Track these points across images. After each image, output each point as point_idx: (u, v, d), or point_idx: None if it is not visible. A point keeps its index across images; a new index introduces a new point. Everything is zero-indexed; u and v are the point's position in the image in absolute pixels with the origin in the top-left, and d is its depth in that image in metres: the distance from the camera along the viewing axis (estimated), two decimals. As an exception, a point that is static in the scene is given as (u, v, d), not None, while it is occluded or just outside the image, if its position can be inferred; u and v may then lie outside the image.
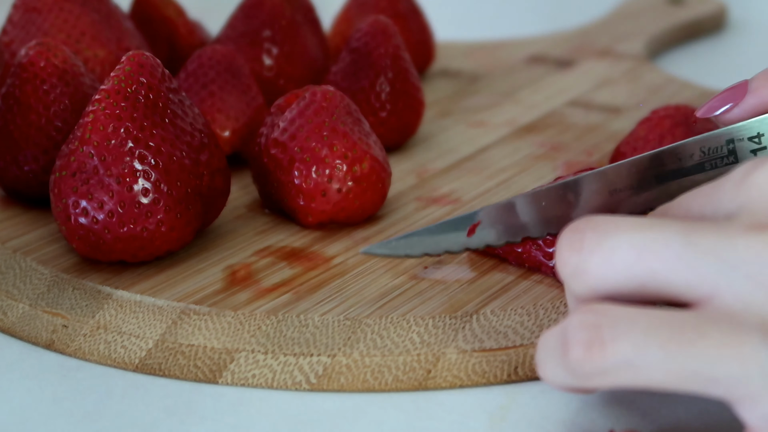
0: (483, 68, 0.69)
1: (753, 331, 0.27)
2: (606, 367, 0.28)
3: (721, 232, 0.29)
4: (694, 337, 0.28)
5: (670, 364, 0.28)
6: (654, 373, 0.28)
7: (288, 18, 0.56)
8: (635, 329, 0.28)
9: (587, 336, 0.28)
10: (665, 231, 0.29)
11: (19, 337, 0.39)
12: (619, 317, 0.28)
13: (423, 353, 0.36)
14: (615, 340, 0.28)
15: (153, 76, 0.40)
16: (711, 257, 0.28)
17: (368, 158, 0.44)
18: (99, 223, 0.39)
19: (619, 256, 0.29)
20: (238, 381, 0.36)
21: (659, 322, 0.28)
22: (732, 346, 0.27)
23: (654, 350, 0.28)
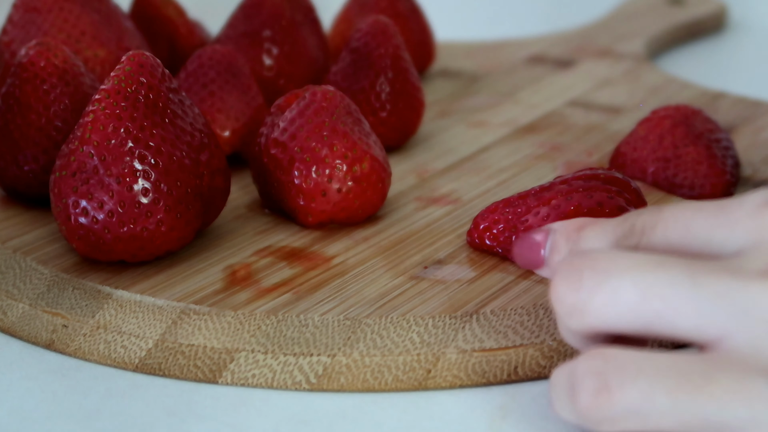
0: (483, 68, 0.69)
1: (762, 375, 0.27)
2: (614, 415, 0.28)
3: (732, 274, 0.28)
4: (702, 383, 0.27)
5: (678, 411, 0.27)
6: (663, 420, 0.28)
7: (288, 18, 0.56)
8: (642, 376, 0.28)
9: (594, 384, 0.28)
10: (671, 271, 0.28)
11: (19, 337, 0.39)
12: (626, 363, 0.28)
13: (423, 353, 0.36)
14: (622, 387, 0.28)
15: (153, 76, 0.40)
16: (721, 301, 0.28)
17: (368, 158, 0.44)
18: (99, 223, 0.39)
19: (623, 297, 0.29)
20: (238, 381, 0.36)
21: (666, 369, 0.28)
22: (740, 390, 0.27)
23: (661, 398, 0.27)
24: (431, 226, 0.45)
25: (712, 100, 0.61)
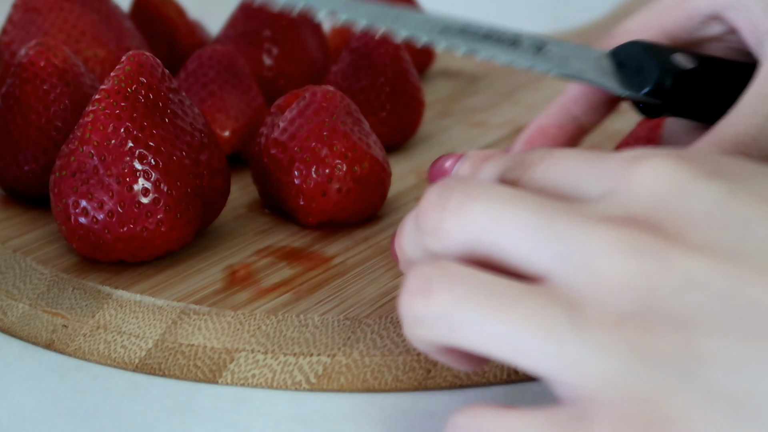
0: (483, 68, 0.69)
1: (562, 311, 0.28)
2: (425, 316, 0.29)
3: (576, 216, 0.29)
4: (508, 304, 0.28)
5: (481, 326, 0.28)
6: (467, 332, 0.29)
7: (288, 18, 0.56)
8: (459, 286, 0.29)
9: (417, 284, 0.29)
10: (520, 205, 0.29)
11: (19, 337, 0.39)
12: (451, 273, 0.29)
13: (423, 353, 0.36)
14: (438, 292, 0.29)
15: (153, 76, 0.40)
16: (555, 239, 0.29)
17: (368, 158, 0.44)
18: (99, 223, 0.39)
19: (475, 222, 0.30)
20: (238, 381, 0.36)
21: (483, 285, 0.29)
22: (538, 321, 0.28)
23: (469, 309, 0.28)
24: (431, 226, 0.45)
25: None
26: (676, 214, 0.29)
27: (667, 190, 0.29)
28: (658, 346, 0.27)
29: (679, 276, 0.28)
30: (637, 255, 0.28)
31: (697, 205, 0.29)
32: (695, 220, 0.28)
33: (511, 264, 0.29)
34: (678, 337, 0.27)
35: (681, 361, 0.27)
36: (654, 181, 0.29)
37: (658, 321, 0.27)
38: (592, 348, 0.27)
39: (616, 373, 0.27)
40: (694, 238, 0.28)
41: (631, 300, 0.28)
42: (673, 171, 0.29)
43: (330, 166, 0.43)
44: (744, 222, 0.28)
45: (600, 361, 0.27)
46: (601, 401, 0.27)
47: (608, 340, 0.27)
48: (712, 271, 0.28)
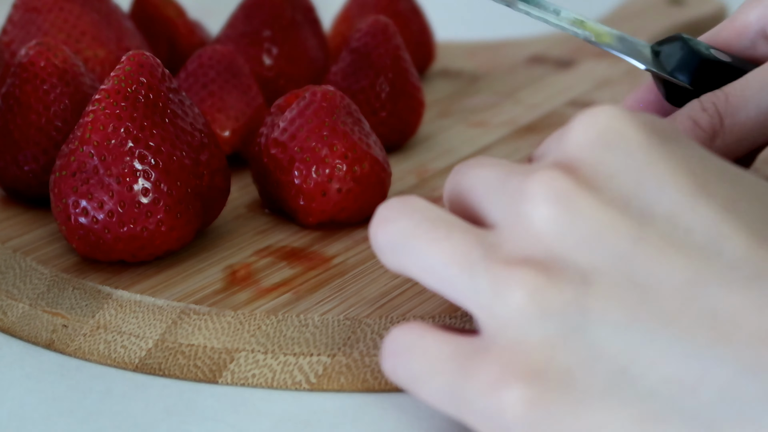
0: (483, 68, 0.69)
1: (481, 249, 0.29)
2: (380, 245, 0.31)
3: (517, 172, 0.30)
4: (441, 237, 0.30)
5: (417, 257, 0.30)
6: (409, 260, 0.31)
7: (288, 18, 0.56)
8: (407, 218, 0.31)
9: (380, 213, 0.32)
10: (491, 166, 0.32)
11: (19, 337, 0.39)
12: (407, 206, 0.31)
13: (423, 353, 0.36)
14: (391, 221, 0.31)
15: (153, 76, 0.40)
16: (502, 190, 0.30)
17: (368, 158, 0.44)
18: (99, 223, 0.39)
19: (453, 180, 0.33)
20: (238, 381, 0.36)
21: (429, 219, 0.31)
22: (459, 254, 0.29)
23: (410, 239, 0.30)
24: (431, 226, 0.45)
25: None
26: (596, 164, 0.29)
27: (595, 140, 0.30)
28: (552, 295, 0.28)
29: (585, 227, 0.28)
30: (549, 200, 0.29)
31: (618, 158, 0.29)
32: (613, 173, 0.29)
33: (477, 215, 0.31)
34: (573, 289, 0.28)
35: (572, 314, 0.28)
36: (586, 131, 0.30)
37: (558, 270, 0.28)
38: (494, 285, 0.28)
39: (511, 315, 0.28)
40: (607, 191, 0.29)
41: (538, 245, 0.29)
42: (606, 122, 0.30)
43: (330, 166, 0.43)
44: (656, 188, 0.29)
45: (499, 300, 0.28)
46: (495, 341, 0.28)
47: (507, 280, 0.28)
48: (617, 228, 0.28)
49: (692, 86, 0.41)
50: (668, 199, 0.28)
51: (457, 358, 0.29)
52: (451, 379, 0.29)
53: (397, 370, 0.31)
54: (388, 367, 0.31)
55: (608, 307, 0.28)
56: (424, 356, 0.30)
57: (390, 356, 0.31)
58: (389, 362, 0.31)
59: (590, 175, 0.29)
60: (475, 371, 0.28)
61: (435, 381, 0.29)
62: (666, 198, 0.28)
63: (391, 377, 0.31)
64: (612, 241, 0.28)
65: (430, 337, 0.30)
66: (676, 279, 0.27)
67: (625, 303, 0.28)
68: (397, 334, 0.31)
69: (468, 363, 0.29)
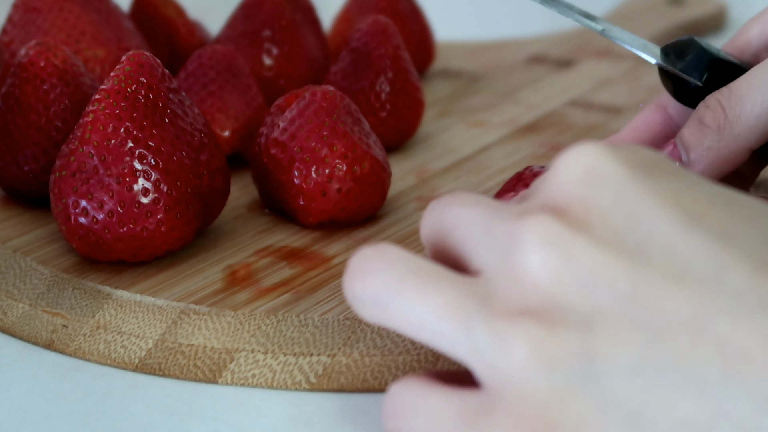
0: (483, 68, 0.69)
1: (475, 301, 0.28)
2: (361, 298, 0.30)
3: (502, 214, 0.29)
4: (431, 289, 0.29)
5: (405, 309, 0.29)
6: (395, 314, 0.29)
7: (288, 18, 0.56)
8: (391, 270, 0.29)
9: (356, 265, 0.30)
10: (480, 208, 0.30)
11: (19, 337, 0.39)
12: (387, 257, 0.30)
13: (423, 353, 0.36)
14: (372, 274, 0.30)
15: (153, 76, 0.40)
16: (488, 235, 0.29)
17: (368, 158, 0.44)
18: (99, 223, 0.39)
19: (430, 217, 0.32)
20: (238, 381, 0.36)
21: (414, 270, 0.29)
22: (453, 308, 0.28)
23: (396, 293, 0.29)
24: (431, 226, 0.45)
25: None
26: (585, 203, 0.28)
27: (581, 179, 0.28)
28: (556, 346, 0.27)
29: (582, 271, 0.27)
30: (543, 246, 0.27)
31: (606, 195, 0.28)
32: (603, 212, 0.28)
33: (461, 258, 0.30)
34: (577, 337, 0.27)
35: (578, 363, 0.27)
36: (570, 171, 0.29)
37: (559, 318, 0.27)
38: (495, 340, 0.27)
39: (516, 370, 0.27)
40: (600, 230, 0.28)
41: (536, 293, 0.27)
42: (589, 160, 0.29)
43: (330, 166, 0.43)
44: (649, 222, 0.28)
45: (502, 355, 0.27)
46: (503, 397, 0.27)
47: (508, 334, 0.27)
48: (614, 268, 0.27)
49: (702, 84, 0.41)
50: (662, 232, 0.27)
51: (464, 417, 0.28)
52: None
53: (400, 430, 0.30)
54: (390, 427, 0.30)
55: (615, 352, 0.26)
56: (427, 416, 0.29)
57: (392, 416, 0.30)
58: (391, 422, 0.30)
59: (580, 216, 0.28)
60: (485, 428, 0.28)
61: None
62: (659, 231, 0.27)
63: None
64: (611, 282, 0.27)
65: (432, 395, 0.29)
66: (681, 314, 0.26)
67: (632, 345, 0.26)
68: (396, 392, 0.30)
69: (476, 421, 0.28)
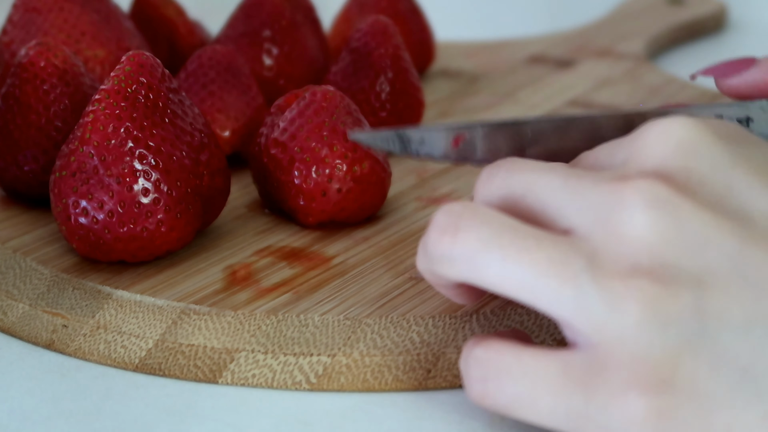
0: (483, 68, 0.69)
1: (581, 259, 0.28)
2: (452, 255, 0.30)
3: (595, 178, 0.30)
4: (532, 247, 0.29)
5: (503, 267, 0.29)
6: (490, 272, 0.29)
7: (288, 18, 0.56)
8: (487, 227, 0.30)
9: (446, 221, 0.30)
10: (554, 172, 0.31)
11: (19, 337, 0.39)
12: (480, 214, 0.30)
13: (423, 353, 0.36)
14: (466, 230, 0.30)
15: (153, 76, 0.40)
16: (579, 196, 0.30)
17: (368, 158, 0.44)
18: (99, 223, 0.39)
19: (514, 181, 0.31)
20: (238, 381, 0.36)
21: (509, 228, 0.29)
22: (559, 265, 0.28)
23: (494, 250, 0.29)
24: (431, 226, 0.45)
25: (712, 100, 0.61)
26: (685, 172, 0.29)
27: (677, 149, 0.29)
28: (670, 304, 0.27)
29: (691, 232, 0.28)
30: (651, 208, 0.28)
31: (704, 164, 0.29)
32: (703, 179, 0.29)
33: (541, 220, 0.30)
34: (689, 295, 0.28)
35: (691, 321, 0.27)
36: (665, 141, 0.30)
37: (671, 277, 0.28)
38: (607, 299, 0.28)
39: (629, 328, 0.27)
40: (703, 195, 0.29)
41: (645, 253, 0.28)
42: (682, 131, 0.30)
43: (330, 166, 0.43)
44: (747, 189, 0.29)
45: (614, 313, 0.28)
46: (614, 355, 0.28)
47: (622, 293, 0.28)
48: (722, 229, 0.28)
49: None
50: (759, 198, 0.29)
51: (569, 375, 0.28)
52: (567, 397, 0.28)
53: (492, 395, 0.30)
54: (477, 393, 0.30)
55: (727, 309, 0.27)
56: (527, 377, 0.29)
57: (479, 381, 0.30)
58: (478, 388, 0.30)
59: (682, 182, 0.29)
60: (595, 387, 0.28)
61: (545, 401, 0.29)
62: (757, 197, 0.29)
63: (480, 402, 0.30)
64: (720, 243, 0.28)
65: (526, 357, 0.29)
66: None
67: (743, 302, 0.28)
68: (482, 356, 0.30)
69: (584, 379, 0.28)
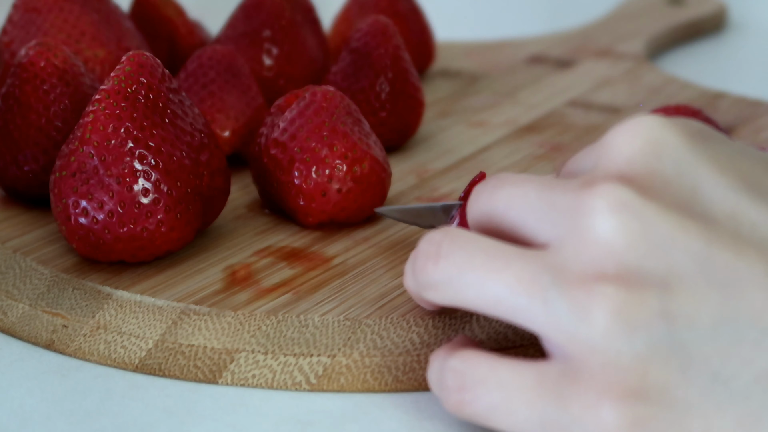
0: (483, 68, 0.69)
1: (548, 274, 0.29)
2: (435, 281, 0.31)
3: (565, 186, 0.30)
4: (501, 266, 0.30)
5: (479, 288, 0.30)
6: (469, 293, 0.30)
7: (288, 18, 0.56)
8: (462, 251, 0.30)
9: (428, 249, 0.31)
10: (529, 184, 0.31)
11: (19, 337, 0.39)
12: (457, 239, 0.31)
13: (423, 353, 0.36)
14: (445, 257, 0.31)
15: (153, 76, 0.40)
16: (551, 208, 0.30)
17: (368, 158, 0.44)
18: (99, 223, 0.39)
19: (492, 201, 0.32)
20: (238, 381, 0.36)
21: (483, 250, 0.30)
22: (526, 281, 0.29)
23: (468, 272, 0.30)
24: (431, 227, 0.45)
25: (712, 100, 0.61)
26: (650, 173, 0.29)
27: (641, 151, 0.29)
28: (636, 309, 0.27)
29: (656, 234, 0.28)
30: (614, 212, 0.28)
31: (668, 165, 0.29)
32: (667, 180, 0.29)
33: (522, 235, 0.31)
34: (656, 298, 0.28)
35: (660, 325, 0.27)
36: (630, 143, 0.30)
37: (636, 281, 0.28)
38: (575, 309, 0.28)
39: (598, 337, 0.28)
40: (667, 197, 0.29)
41: (610, 259, 0.28)
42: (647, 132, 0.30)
43: (330, 166, 0.43)
44: (711, 189, 0.29)
45: (582, 322, 0.28)
46: (586, 364, 0.28)
47: (587, 301, 0.28)
48: (687, 231, 0.28)
49: None
50: (725, 198, 0.29)
51: (544, 386, 0.29)
52: (542, 407, 0.28)
53: (469, 405, 0.30)
54: (453, 402, 0.30)
55: (694, 311, 0.27)
56: (502, 388, 0.29)
57: (456, 391, 0.30)
58: (455, 397, 0.30)
59: (647, 184, 0.29)
60: (569, 397, 0.28)
61: (521, 411, 0.29)
62: (722, 197, 0.29)
63: (456, 412, 0.30)
64: (686, 244, 0.28)
65: (501, 368, 0.29)
66: (755, 271, 0.28)
67: (710, 304, 0.27)
68: (457, 366, 0.30)
69: (558, 390, 0.28)
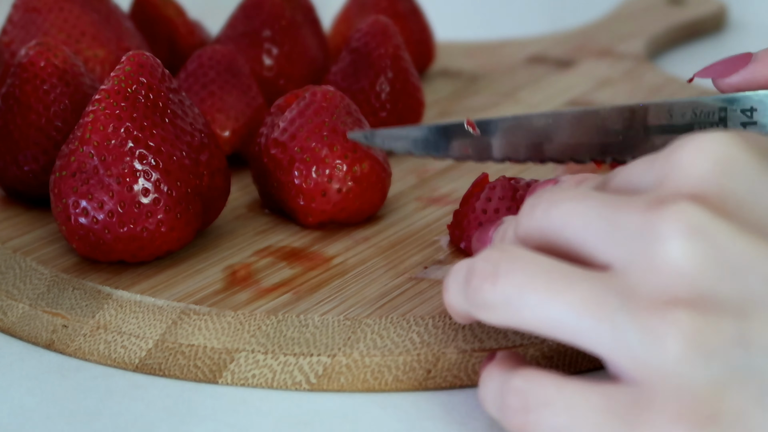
0: (483, 68, 0.69)
1: (616, 297, 0.28)
2: (492, 301, 0.30)
3: (630, 205, 0.29)
4: (565, 288, 0.29)
5: (540, 310, 0.29)
6: (529, 315, 0.29)
7: (288, 18, 0.56)
8: (522, 272, 0.29)
9: (485, 269, 0.30)
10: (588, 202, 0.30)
11: (19, 337, 0.39)
12: (517, 258, 0.30)
13: (423, 353, 0.36)
14: (504, 277, 0.30)
15: (153, 76, 0.40)
16: (615, 229, 0.29)
17: (368, 158, 0.44)
18: (99, 223, 0.39)
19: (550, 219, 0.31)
20: (238, 381, 0.36)
21: (544, 270, 0.29)
22: (592, 304, 0.28)
23: (529, 294, 0.29)
24: (431, 226, 0.45)
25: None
26: (722, 193, 0.28)
27: (713, 169, 0.29)
28: (711, 335, 0.27)
29: (730, 258, 0.27)
30: (687, 237, 0.27)
31: (741, 184, 0.29)
32: (740, 200, 0.28)
33: (581, 255, 0.30)
34: (731, 325, 0.27)
35: (735, 351, 0.27)
36: (700, 160, 0.29)
37: (711, 306, 0.27)
38: (645, 335, 0.27)
39: (672, 363, 0.27)
40: (741, 217, 0.28)
41: (683, 284, 0.27)
42: (718, 148, 0.29)
43: (330, 166, 0.43)
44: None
45: (653, 348, 0.27)
46: (658, 390, 0.27)
47: (660, 327, 0.27)
48: (762, 253, 0.27)
49: None
50: None
51: (612, 410, 0.28)
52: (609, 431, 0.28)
53: (533, 427, 0.29)
54: (517, 424, 0.29)
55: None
56: (569, 410, 0.28)
57: (519, 413, 0.29)
58: (519, 419, 0.29)
59: (720, 205, 0.28)
60: (640, 422, 0.27)
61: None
62: None
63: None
64: (761, 268, 0.27)
65: (569, 390, 0.29)
66: None
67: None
68: (521, 386, 0.30)
69: (628, 414, 0.28)
